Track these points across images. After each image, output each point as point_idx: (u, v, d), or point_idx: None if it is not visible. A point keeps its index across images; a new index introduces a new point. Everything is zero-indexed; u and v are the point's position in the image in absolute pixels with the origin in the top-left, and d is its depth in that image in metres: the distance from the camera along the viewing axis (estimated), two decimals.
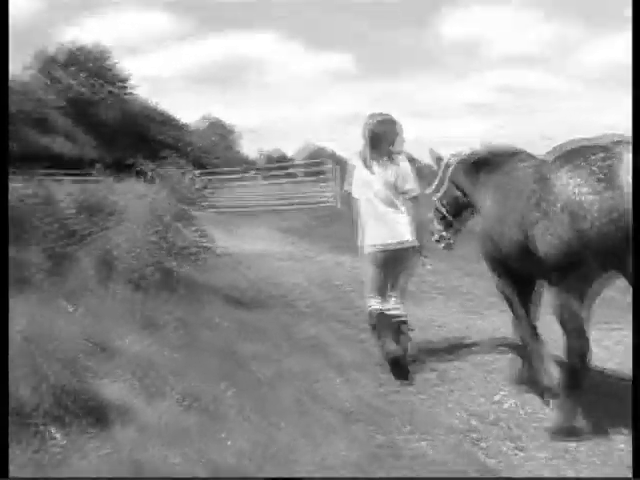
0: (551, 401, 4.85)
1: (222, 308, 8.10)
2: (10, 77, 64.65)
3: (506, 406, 5.16)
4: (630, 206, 3.72)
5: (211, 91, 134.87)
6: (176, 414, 4.55)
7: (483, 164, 5.42)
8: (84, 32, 76.70)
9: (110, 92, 69.04)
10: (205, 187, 8.88)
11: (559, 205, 4.04)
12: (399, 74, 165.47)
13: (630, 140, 3.93)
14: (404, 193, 5.77)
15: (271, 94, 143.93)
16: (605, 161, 3.91)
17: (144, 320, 6.91)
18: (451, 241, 6.17)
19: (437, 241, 6.18)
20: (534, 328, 5.21)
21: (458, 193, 5.84)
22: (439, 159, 6.02)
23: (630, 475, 3.28)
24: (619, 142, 4.00)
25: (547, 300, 4.71)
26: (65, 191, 11.34)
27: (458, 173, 5.77)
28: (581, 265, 4.04)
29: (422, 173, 6.44)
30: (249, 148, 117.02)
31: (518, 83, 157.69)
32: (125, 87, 71.73)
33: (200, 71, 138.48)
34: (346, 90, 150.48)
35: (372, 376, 5.82)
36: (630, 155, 3.81)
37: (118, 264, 8.29)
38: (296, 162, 43.76)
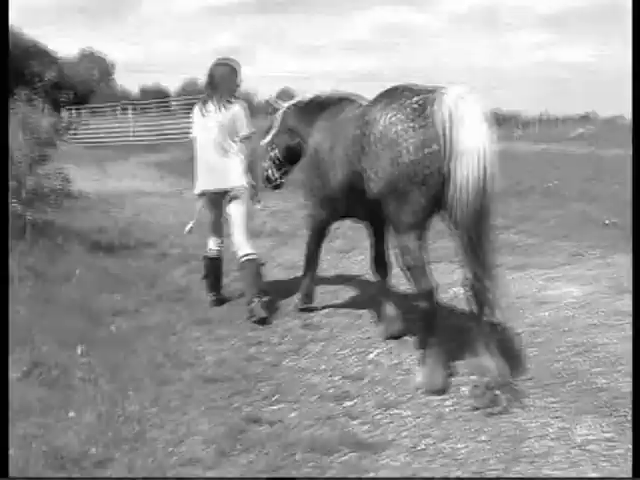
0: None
1: (84, 256, 7.40)
2: None
3: (370, 357, 4.84)
4: (444, 137, 3.78)
5: (89, 24, 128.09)
6: (15, 386, 3.96)
7: (312, 107, 5.48)
8: None
9: None
10: (67, 126, 7.96)
11: (379, 143, 4.07)
12: (281, 11, 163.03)
13: (445, 88, 3.97)
14: (238, 136, 5.73)
15: (152, 30, 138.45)
16: (418, 102, 3.96)
17: None
18: (279, 182, 6.18)
19: (266, 182, 6.17)
20: (317, 256, 5.72)
21: (288, 136, 5.85)
22: (273, 107, 6.05)
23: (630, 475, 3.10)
24: (436, 89, 4.02)
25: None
26: None
27: (289, 117, 5.80)
28: (408, 199, 3.97)
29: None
30: (130, 83, 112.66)
31: (391, 21, 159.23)
32: None
33: (75, 3, 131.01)
34: (226, 26, 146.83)
35: (241, 334, 5.29)
36: (443, 94, 3.86)
37: None
38: (173, 98, 42.13)
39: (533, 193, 12.39)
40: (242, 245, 5.76)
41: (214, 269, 6.06)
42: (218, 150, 5.71)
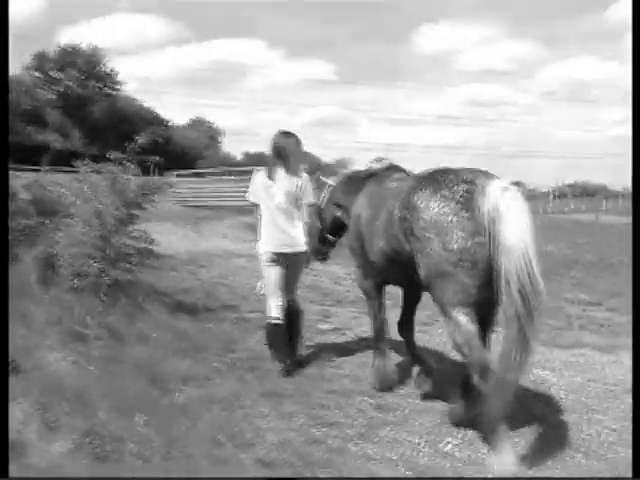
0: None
1: (164, 317, 7.19)
2: (10, 76, 63.93)
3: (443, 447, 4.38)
4: (490, 230, 3.94)
5: (199, 94, 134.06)
6: (65, 455, 3.69)
7: (357, 178, 5.83)
8: (81, 33, 76.92)
9: (100, 90, 68.34)
10: (156, 188, 7.92)
11: (430, 229, 4.19)
12: (376, 84, 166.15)
13: (487, 173, 4.26)
14: (302, 203, 5.94)
15: (258, 99, 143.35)
16: (466, 191, 4.11)
17: (73, 333, 6.07)
18: (327, 255, 6.66)
19: (315, 253, 6.43)
20: (385, 325, 5.59)
21: (336, 212, 6.14)
22: (323, 183, 6.42)
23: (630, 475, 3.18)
24: (480, 174, 4.23)
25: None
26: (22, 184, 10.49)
27: (336, 192, 6.16)
28: (456, 280, 4.09)
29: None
30: (235, 149, 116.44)
31: (485, 97, 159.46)
32: (115, 86, 70.92)
33: (186, 75, 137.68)
34: (327, 97, 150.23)
35: (310, 412, 4.87)
36: (488, 185, 4.04)
37: (60, 268, 7.43)
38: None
39: (622, 267, 11.59)
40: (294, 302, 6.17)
41: (278, 336, 5.98)
42: (285, 216, 5.90)
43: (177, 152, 66.42)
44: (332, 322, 8.01)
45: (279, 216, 5.88)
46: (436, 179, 4.36)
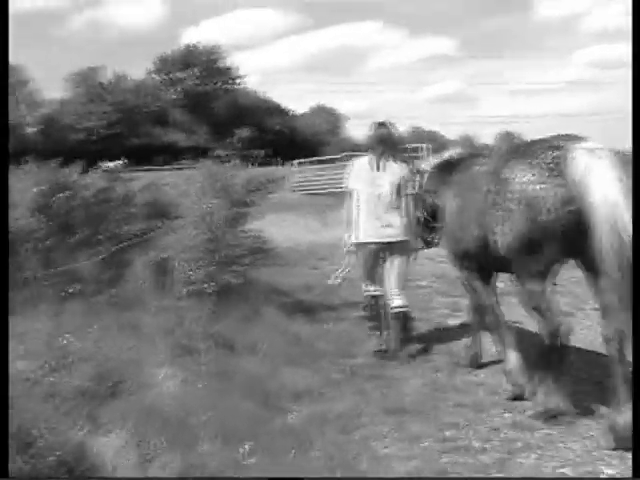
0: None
1: (279, 320, 6.77)
2: (133, 78, 66.56)
3: None
4: (580, 195, 3.82)
5: (322, 81, 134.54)
6: None
7: (445, 166, 5.61)
8: (203, 32, 79.18)
9: (221, 86, 69.87)
10: (261, 185, 7.52)
11: (515, 199, 4.09)
12: (499, 56, 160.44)
13: (576, 136, 4.15)
14: (405, 193, 5.92)
15: (378, 80, 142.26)
16: (554, 156, 4.00)
17: (183, 346, 5.72)
18: (435, 240, 6.16)
19: (422, 242, 6.22)
20: (501, 316, 5.15)
21: (429, 197, 5.92)
22: (419, 171, 6.12)
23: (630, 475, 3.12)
24: (567, 138, 4.13)
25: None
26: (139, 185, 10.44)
27: (430, 180, 5.90)
28: (541, 254, 4.06)
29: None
30: (360, 133, 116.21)
31: (613, 57, 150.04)
32: (236, 81, 72.31)
33: (308, 63, 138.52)
34: (450, 73, 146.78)
35: (437, 433, 4.22)
36: (577, 147, 3.94)
37: (172, 275, 7.17)
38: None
39: None
40: (397, 296, 5.94)
41: (377, 307, 6.11)
42: (386, 205, 5.86)
43: (301, 140, 66.87)
44: (462, 316, 7.24)
45: (381, 205, 5.85)
46: (523, 150, 4.34)
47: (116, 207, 8.86)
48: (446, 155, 5.83)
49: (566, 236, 3.96)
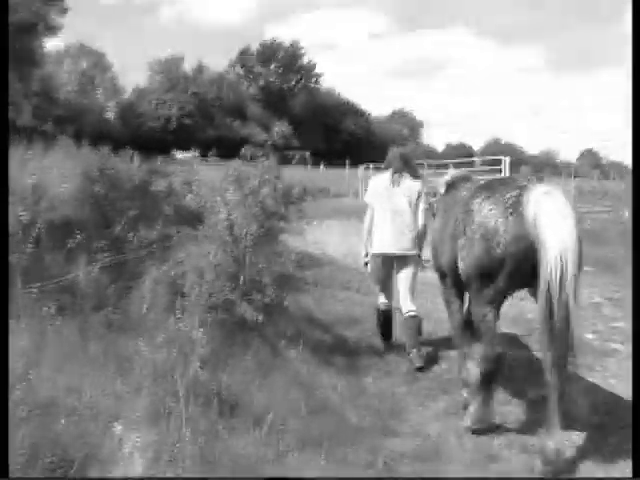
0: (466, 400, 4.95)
1: (302, 368, 5.33)
2: (214, 70, 66.49)
3: None
4: (534, 234, 4.02)
5: (403, 86, 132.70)
6: None
7: (448, 188, 5.64)
8: (286, 28, 78.92)
9: (300, 83, 68.89)
10: (300, 197, 6.10)
11: (476, 230, 4.36)
12: (586, 69, 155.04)
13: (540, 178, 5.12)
14: (419, 208, 6.23)
15: (460, 88, 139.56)
16: (514, 195, 4.25)
17: (163, 407, 4.27)
18: None
19: None
20: (466, 331, 5.25)
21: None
22: (434, 193, 6.15)
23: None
24: (534, 179, 4.45)
25: None
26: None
27: (439, 199, 5.91)
28: (493, 283, 4.30)
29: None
30: (436, 140, 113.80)
31: None
32: (315, 79, 71.19)
33: (391, 66, 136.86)
34: (532, 84, 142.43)
35: None
36: (536, 189, 4.17)
37: (183, 297, 5.78)
38: (475, 157, 40.07)
39: None
40: (407, 303, 6.23)
41: (386, 320, 6.53)
42: (400, 219, 6.17)
43: (377, 144, 65.27)
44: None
45: (396, 219, 6.17)
46: (493, 185, 4.59)
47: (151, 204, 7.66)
48: (448, 177, 5.83)
49: (517, 269, 4.19)
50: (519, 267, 4.15)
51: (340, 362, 5.86)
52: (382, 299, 6.44)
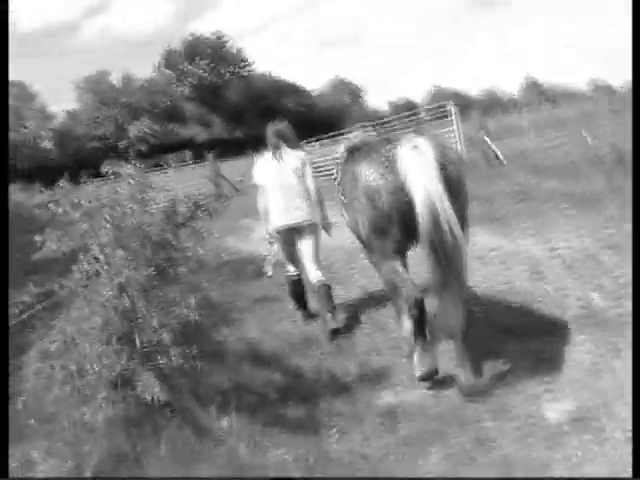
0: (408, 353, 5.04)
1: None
2: (142, 78, 64.10)
3: None
4: (409, 185, 4.35)
5: (332, 54, 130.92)
6: None
7: (349, 152, 5.63)
8: (206, 24, 76.76)
9: (232, 73, 66.85)
10: (192, 216, 4.58)
11: (363, 192, 4.68)
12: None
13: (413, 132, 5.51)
14: (303, 175, 6.32)
15: (388, 47, 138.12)
16: (390, 151, 4.61)
17: None
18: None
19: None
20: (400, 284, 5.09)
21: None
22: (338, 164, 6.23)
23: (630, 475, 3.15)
24: (407, 135, 4.77)
25: None
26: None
27: (342, 162, 5.86)
28: (387, 237, 4.60)
29: None
30: (378, 100, 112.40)
31: None
32: (246, 67, 69.15)
33: (318, 37, 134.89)
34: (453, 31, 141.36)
35: None
36: (404, 145, 4.51)
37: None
38: (418, 109, 38.54)
39: None
40: (313, 272, 6.37)
41: (297, 287, 6.63)
42: (291, 191, 6.26)
43: (322, 117, 63.60)
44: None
45: (286, 192, 6.24)
46: (371, 149, 4.90)
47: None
48: (347, 143, 5.84)
49: (404, 220, 4.46)
50: (407, 218, 4.39)
51: (294, 415, 4.43)
52: (291, 270, 6.58)
